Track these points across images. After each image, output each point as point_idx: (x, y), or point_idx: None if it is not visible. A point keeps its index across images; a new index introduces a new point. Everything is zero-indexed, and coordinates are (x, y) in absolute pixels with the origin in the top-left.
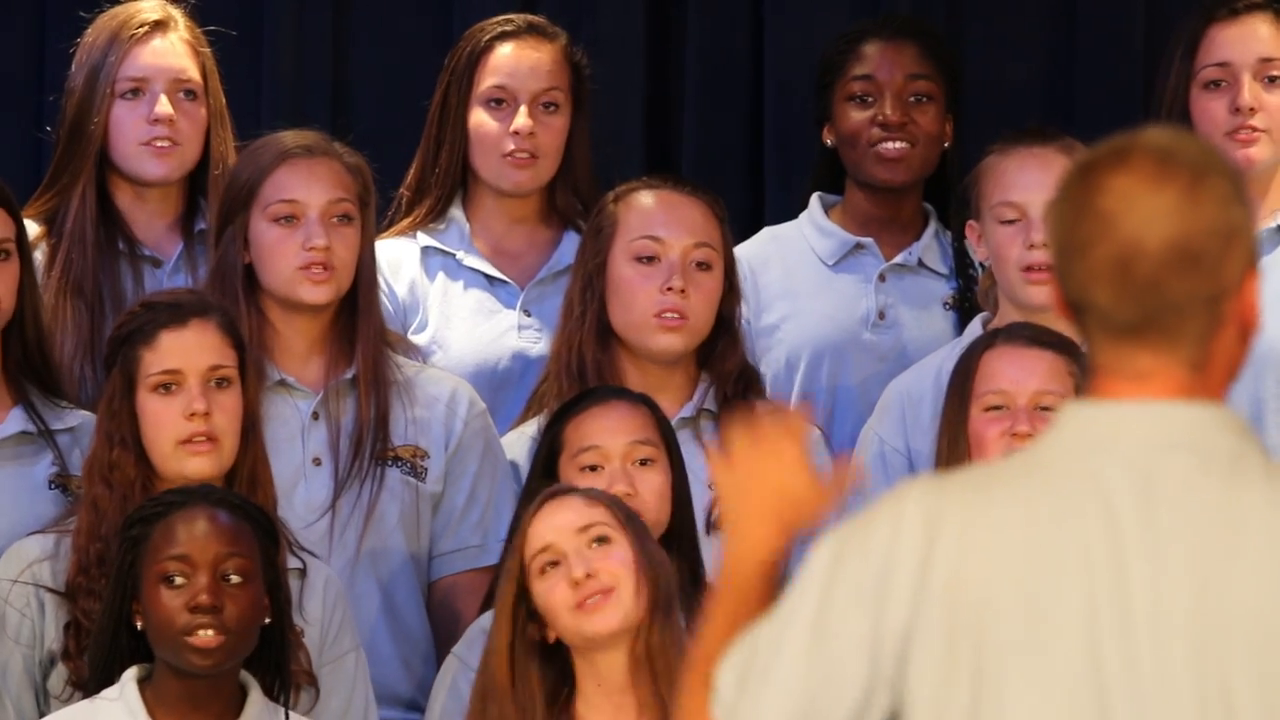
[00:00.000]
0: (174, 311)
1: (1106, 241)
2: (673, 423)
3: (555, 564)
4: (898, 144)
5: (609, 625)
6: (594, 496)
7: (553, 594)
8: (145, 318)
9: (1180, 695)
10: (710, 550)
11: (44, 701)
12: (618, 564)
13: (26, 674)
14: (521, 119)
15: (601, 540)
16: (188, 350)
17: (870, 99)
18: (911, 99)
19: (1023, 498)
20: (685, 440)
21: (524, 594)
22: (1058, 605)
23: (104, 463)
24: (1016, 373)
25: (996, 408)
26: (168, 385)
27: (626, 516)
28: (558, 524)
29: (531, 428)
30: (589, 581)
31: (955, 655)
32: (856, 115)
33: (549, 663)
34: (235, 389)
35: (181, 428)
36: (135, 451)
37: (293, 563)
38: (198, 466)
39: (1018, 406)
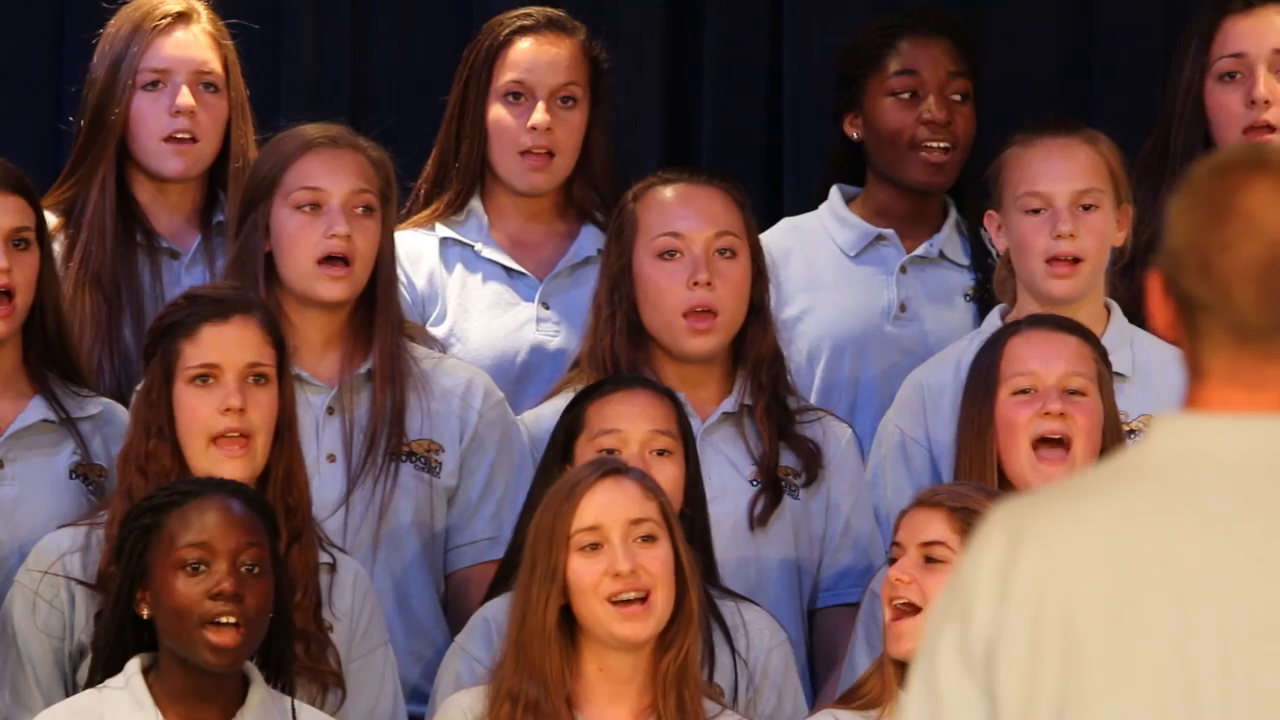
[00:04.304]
0: (217, 305)
1: (1253, 239)
2: (715, 417)
3: (597, 546)
4: (943, 145)
5: (641, 635)
6: (650, 488)
7: (589, 576)
8: (188, 310)
9: (1277, 700)
10: (753, 544)
11: (72, 693)
12: (660, 566)
13: (55, 666)
14: (539, 114)
15: (648, 539)
16: (228, 345)
17: (913, 96)
18: (955, 97)
19: (1115, 502)
20: (730, 436)
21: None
22: (1146, 609)
23: (140, 452)
24: (1044, 355)
25: (1024, 391)
26: (205, 378)
27: (673, 517)
28: (613, 508)
29: (563, 402)
30: (630, 577)
31: (1041, 658)
32: (899, 112)
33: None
34: (272, 387)
35: (216, 422)
36: (172, 442)
37: (323, 558)
38: (230, 469)
39: (1046, 388)
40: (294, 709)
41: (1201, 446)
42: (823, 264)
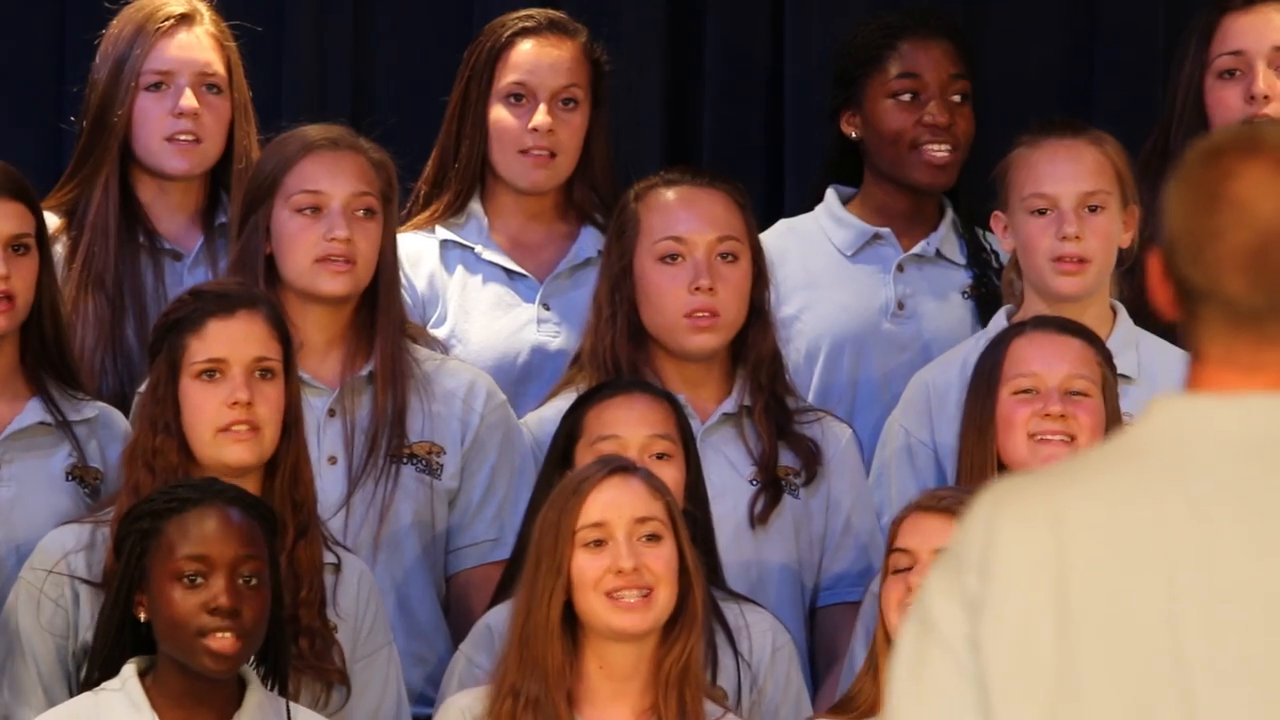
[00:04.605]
0: (222, 301)
1: (1243, 227)
2: (715, 416)
3: (601, 542)
4: (945, 147)
5: (640, 627)
6: (656, 487)
7: (592, 572)
8: (193, 306)
9: (1274, 682)
10: (754, 544)
11: (76, 693)
12: (663, 565)
13: (59, 664)
14: (540, 116)
15: (653, 537)
16: (234, 340)
17: (914, 98)
18: (955, 99)
19: (1111, 478)
20: (729, 437)
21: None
22: (1140, 584)
23: (147, 449)
24: (1047, 357)
25: (1026, 391)
26: (211, 373)
27: (679, 516)
28: (619, 505)
29: (565, 403)
30: (633, 575)
31: (1034, 630)
32: (900, 114)
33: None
34: (278, 381)
35: (223, 415)
36: (179, 438)
37: (328, 558)
38: (237, 455)
39: (1048, 389)
40: (289, 711)
41: (1198, 424)
42: (819, 264)
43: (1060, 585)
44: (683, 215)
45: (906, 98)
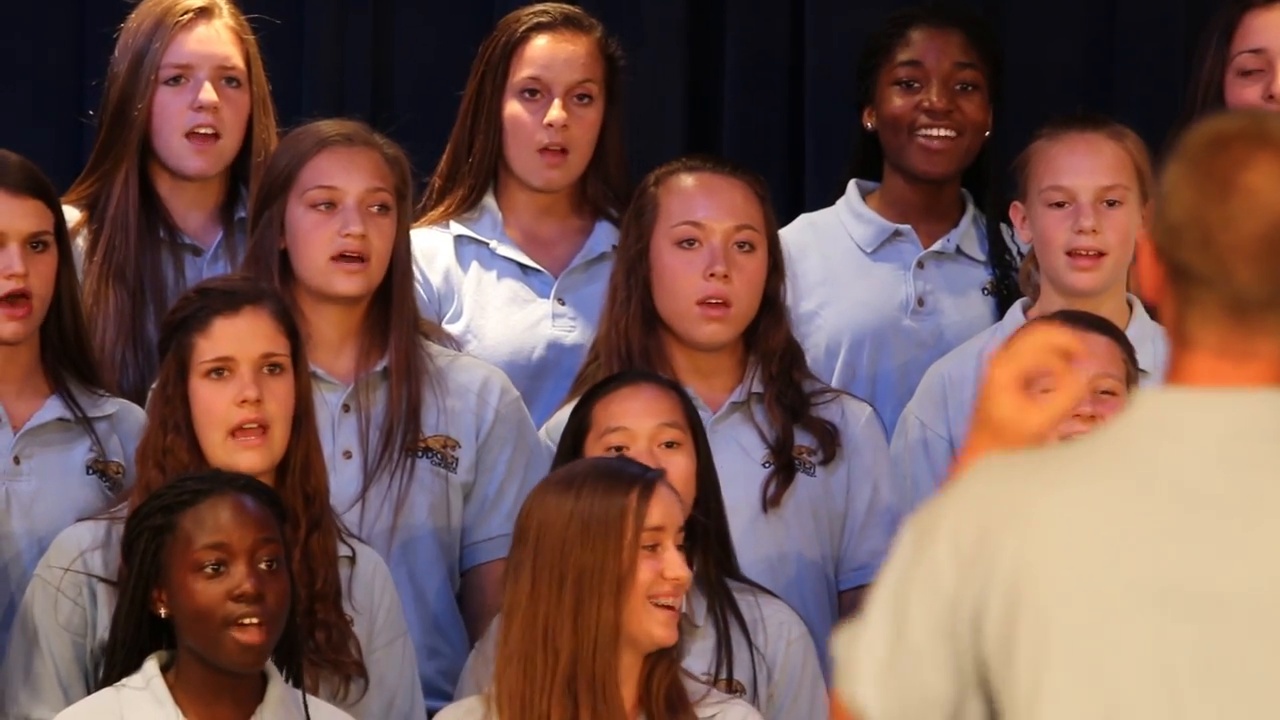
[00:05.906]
0: (228, 298)
1: (1257, 216)
2: (724, 406)
3: (653, 548)
4: (942, 132)
5: (674, 639)
6: (680, 502)
7: (647, 575)
8: (199, 304)
9: (1256, 680)
10: (771, 527)
11: (93, 691)
12: (688, 575)
13: (76, 662)
14: (555, 111)
15: (680, 547)
16: (241, 337)
17: (916, 85)
18: (957, 87)
19: (1099, 478)
20: (737, 423)
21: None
22: (1124, 593)
23: (158, 448)
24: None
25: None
26: (220, 371)
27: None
28: (673, 514)
29: None
30: (679, 583)
31: (1015, 635)
32: (901, 100)
33: None
34: (288, 376)
35: (233, 414)
36: (189, 437)
37: (342, 550)
38: (249, 461)
39: None
40: (305, 703)
41: (1185, 422)
42: (839, 260)
43: (1042, 596)
44: (702, 201)
45: (909, 84)
